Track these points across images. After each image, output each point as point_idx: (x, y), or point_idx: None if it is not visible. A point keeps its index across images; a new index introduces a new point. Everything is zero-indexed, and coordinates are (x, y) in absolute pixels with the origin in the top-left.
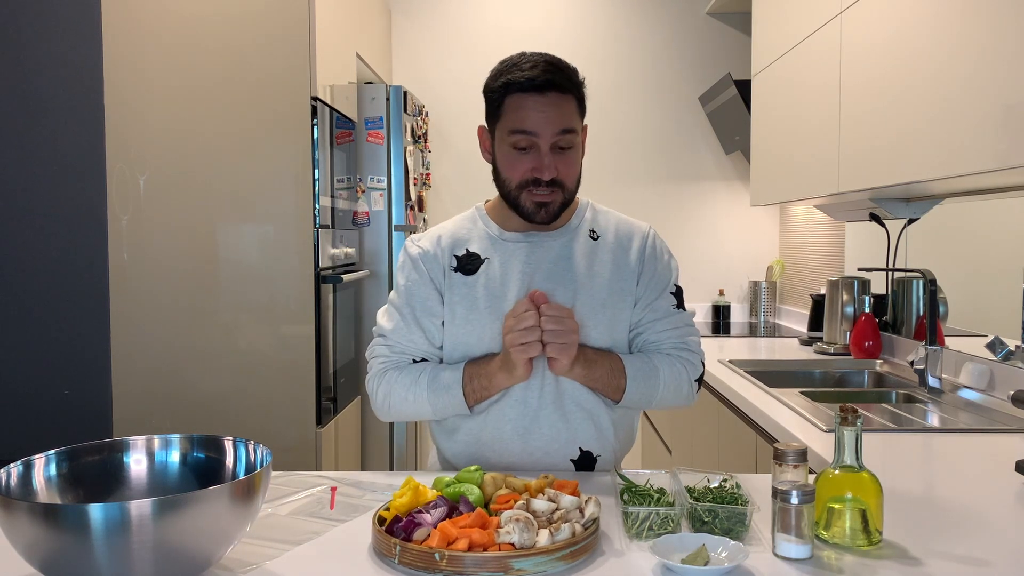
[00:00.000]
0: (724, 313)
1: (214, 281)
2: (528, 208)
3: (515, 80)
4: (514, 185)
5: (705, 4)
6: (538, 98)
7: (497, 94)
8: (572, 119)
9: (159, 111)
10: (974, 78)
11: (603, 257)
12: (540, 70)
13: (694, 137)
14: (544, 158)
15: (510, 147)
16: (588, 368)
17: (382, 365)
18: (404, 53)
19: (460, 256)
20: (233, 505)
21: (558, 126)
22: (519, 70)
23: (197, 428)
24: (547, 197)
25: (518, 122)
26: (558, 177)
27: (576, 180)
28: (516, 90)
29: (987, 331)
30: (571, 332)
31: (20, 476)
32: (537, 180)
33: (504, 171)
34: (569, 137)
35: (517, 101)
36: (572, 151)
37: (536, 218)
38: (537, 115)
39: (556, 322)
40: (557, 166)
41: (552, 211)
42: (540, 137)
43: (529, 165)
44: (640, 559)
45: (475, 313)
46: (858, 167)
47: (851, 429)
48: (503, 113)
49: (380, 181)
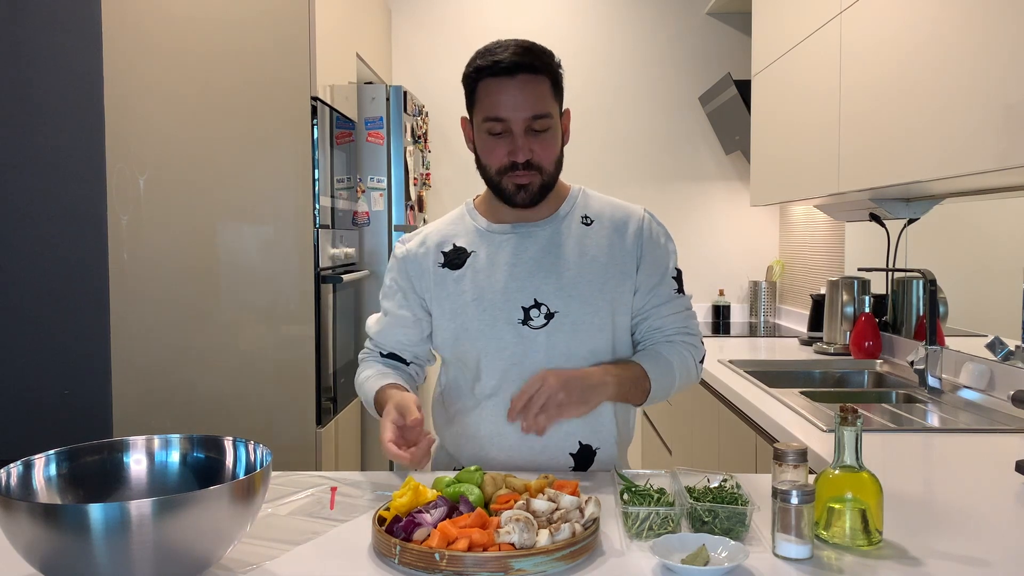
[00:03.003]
0: (724, 313)
1: (214, 281)
2: (509, 191)
3: (484, 65)
4: (493, 171)
5: (705, 4)
6: (508, 81)
7: (470, 80)
8: (544, 102)
9: (159, 111)
10: (974, 78)
11: (598, 241)
12: (510, 53)
13: (694, 137)
14: (518, 140)
15: (486, 133)
16: (619, 388)
17: (361, 355)
18: (404, 53)
19: (447, 252)
20: (233, 505)
21: (529, 110)
22: (490, 55)
23: (197, 428)
24: (525, 179)
25: (490, 108)
26: (534, 159)
27: (555, 163)
28: (487, 74)
29: (987, 331)
30: (555, 402)
31: (20, 476)
32: (514, 164)
33: (483, 158)
34: (543, 121)
35: (488, 86)
36: (548, 133)
37: (517, 200)
38: (507, 99)
39: (532, 405)
40: (532, 148)
41: (532, 192)
42: (512, 122)
43: (505, 150)
44: (640, 559)
45: (462, 306)
46: (858, 167)
47: (851, 429)
48: (477, 100)
49: (380, 181)
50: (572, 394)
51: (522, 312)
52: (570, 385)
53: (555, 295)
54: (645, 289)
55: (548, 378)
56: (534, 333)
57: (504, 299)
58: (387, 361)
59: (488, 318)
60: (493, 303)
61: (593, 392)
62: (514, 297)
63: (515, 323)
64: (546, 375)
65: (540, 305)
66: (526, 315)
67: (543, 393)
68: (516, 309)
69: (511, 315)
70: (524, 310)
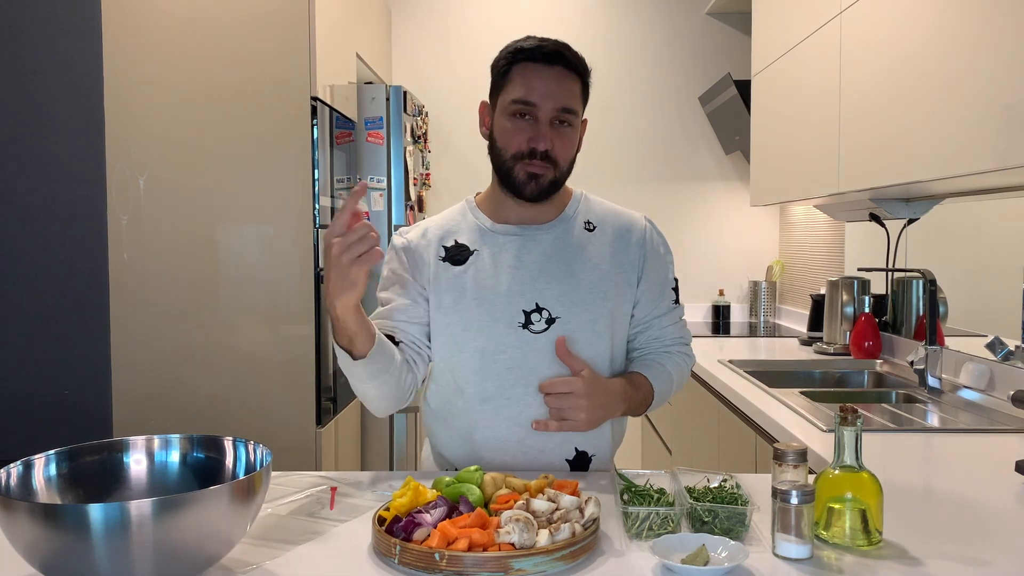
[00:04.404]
0: (724, 313)
1: (214, 281)
2: (520, 179)
3: (525, 47)
4: (509, 155)
5: (705, 4)
6: (545, 69)
7: (505, 63)
8: (575, 99)
9: (159, 111)
10: (973, 78)
11: (601, 249)
12: (551, 44)
13: (694, 137)
14: (542, 127)
15: (509, 116)
16: (628, 403)
17: None
18: (404, 53)
19: (448, 247)
20: (233, 505)
21: (560, 101)
22: (529, 42)
23: (197, 428)
24: (540, 170)
25: (521, 91)
26: (552, 152)
27: (570, 162)
28: (524, 58)
29: (987, 331)
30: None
31: (20, 476)
32: (533, 151)
33: (500, 140)
34: (569, 116)
35: (524, 70)
36: (570, 130)
37: (526, 191)
38: (541, 84)
39: (559, 399)
40: (554, 140)
41: (542, 185)
42: (541, 108)
43: (526, 135)
44: (640, 559)
45: (463, 303)
46: (858, 167)
47: (851, 429)
48: (508, 81)
49: (380, 181)
50: (592, 420)
51: (523, 316)
52: (593, 411)
53: (557, 301)
54: (647, 300)
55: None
56: (534, 337)
57: (506, 301)
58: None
59: (488, 319)
60: (494, 304)
61: (607, 417)
62: (516, 300)
63: (515, 326)
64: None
65: (542, 310)
66: (527, 319)
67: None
68: (517, 312)
69: (512, 318)
70: (525, 314)
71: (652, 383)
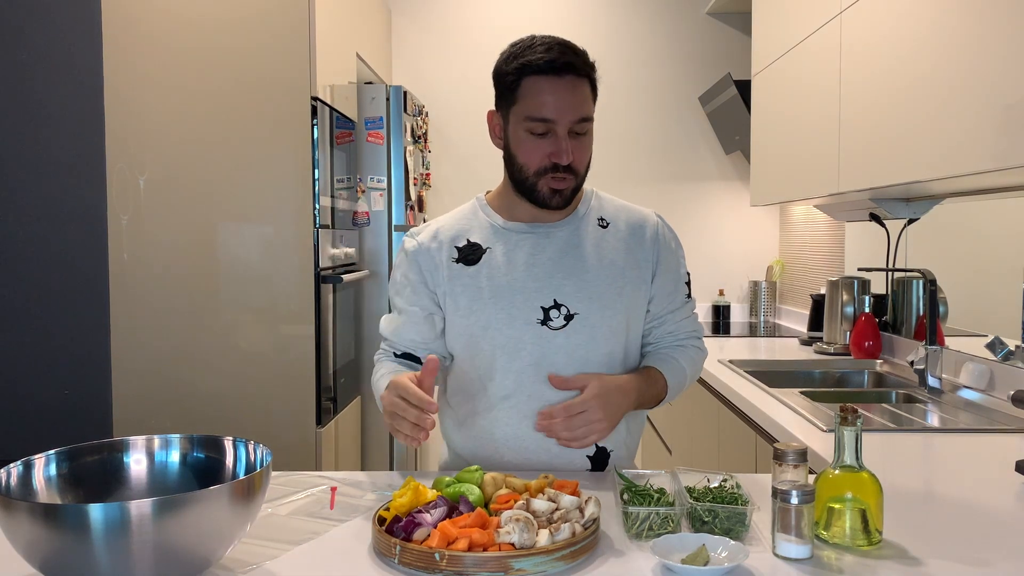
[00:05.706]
0: (724, 313)
1: (214, 281)
2: (544, 194)
3: (532, 62)
4: (531, 172)
5: (705, 4)
6: (556, 81)
7: (512, 77)
8: (588, 105)
9: (159, 111)
10: (973, 78)
11: (615, 245)
12: (557, 52)
13: (694, 137)
14: (562, 142)
15: (526, 132)
16: (639, 395)
17: (376, 356)
18: (404, 53)
19: (461, 247)
20: (233, 505)
21: (577, 113)
22: (534, 52)
23: (197, 428)
24: (563, 184)
25: (536, 108)
26: (573, 163)
27: (587, 167)
28: (532, 72)
29: (987, 331)
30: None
31: (20, 476)
32: (556, 166)
33: (520, 157)
34: (585, 124)
35: (534, 84)
36: (587, 137)
37: (551, 203)
38: (556, 100)
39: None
40: (573, 151)
41: (566, 196)
42: (558, 123)
43: (547, 151)
44: (640, 559)
45: (479, 303)
46: (858, 167)
47: (851, 429)
48: (519, 97)
49: (380, 181)
50: (610, 423)
51: (542, 312)
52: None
53: (575, 296)
54: (661, 295)
55: (592, 403)
56: (553, 334)
57: (524, 298)
58: (401, 361)
59: (506, 316)
60: (512, 301)
61: (623, 414)
62: (533, 296)
63: (534, 323)
64: (594, 401)
65: (560, 306)
66: (546, 315)
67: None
68: (535, 309)
69: (530, 315)
70: (544, 310)
71: (666, 378)
